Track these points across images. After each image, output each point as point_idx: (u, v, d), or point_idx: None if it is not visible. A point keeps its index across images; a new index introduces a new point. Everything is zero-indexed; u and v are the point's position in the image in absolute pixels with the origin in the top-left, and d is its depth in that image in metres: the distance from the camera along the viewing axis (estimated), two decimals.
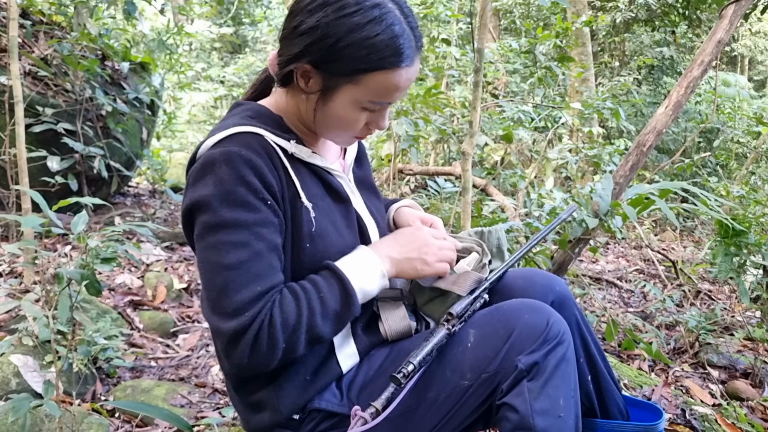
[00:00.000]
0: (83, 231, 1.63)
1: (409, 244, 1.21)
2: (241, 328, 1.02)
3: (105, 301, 2.78)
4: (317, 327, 1.07)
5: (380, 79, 1.09)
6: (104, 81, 4.30)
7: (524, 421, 1.03)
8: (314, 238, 1.14)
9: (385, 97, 1.12)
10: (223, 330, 1.03)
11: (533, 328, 1.08)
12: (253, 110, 1.21)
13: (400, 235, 1.24)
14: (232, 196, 1.05)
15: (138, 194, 5.30)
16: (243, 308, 1.02)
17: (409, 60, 1.09)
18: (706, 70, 2.74)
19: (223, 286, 1.03)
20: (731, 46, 15.82)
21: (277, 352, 1.04)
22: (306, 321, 1.06)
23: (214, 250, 1.05)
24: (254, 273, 1.04)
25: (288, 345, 1.05)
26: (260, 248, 1.06)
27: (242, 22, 14.96)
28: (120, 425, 1.94)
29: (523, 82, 6.99)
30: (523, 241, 3.08)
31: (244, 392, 1.21)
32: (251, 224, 1.05)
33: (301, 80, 1.14)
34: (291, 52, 1.11)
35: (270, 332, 1.03)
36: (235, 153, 1.06)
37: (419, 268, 1.20)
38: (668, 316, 3.19)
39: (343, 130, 1.18)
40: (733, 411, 2.07)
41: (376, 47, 1.06)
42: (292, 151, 1.16)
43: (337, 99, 1.12)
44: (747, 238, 2.58)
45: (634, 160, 2.75)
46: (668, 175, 7.08)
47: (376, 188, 1.42)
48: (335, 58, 1.07)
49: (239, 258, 1.04)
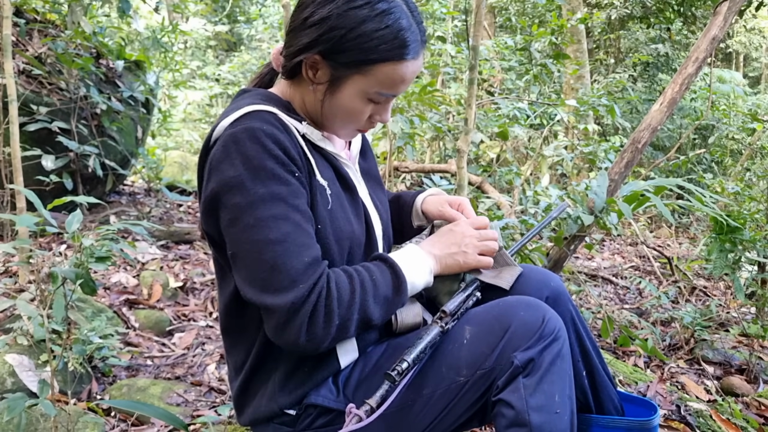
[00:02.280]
0: (78, 230, 1.62)
1: (448, 239, 1.24)
2: (299, 300, 1.02)
3: (100, 300, 2.77)
4: (369, 308, 1.08)
5: (387, 71, 1.11)
6: (99, 79, 4.28)
7: (520, 417, 1.04)
8: (326, 219, 1.14)
9: (392, 89, 1.14)
10: (279, 305, 1.02)
11: (529, 324, 1.09)
12: (263, 95, 1.21)
13: (440, 234, 1.27)
14: (263, 171, 1.04)
15: (133, 193, 5.28)
16: (298, 279, 1.02)
17: (415, 53, 1.12)
18: (701, 67, 2.74)
19: (273, 261, 1.02)
20: (726, 43, 15.85)
21: (332, 328, 1.04)
22: (359, 299, 1.07)
23: (256, 228, 1.03)
24: (299, 244, 1.04)
25: (342, 322, 1.05)
26: (298, 219, 1.06)
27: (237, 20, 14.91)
28: (116, 424, 1.94)
29: (519, 79, 6.99)
30: (518, 238, 3.08)
31: (245, 382, 1.22)
32: (286, 196, 1.06)
33: (310, 71, 1.15)
34: (300, 43, 1.12)
35: (327, 304, 1.04)
36: (258, 128, 1.06)
37: (462, 261, 1.22)
38: (663, 313, 3.20)
39: (349, 122, 1.19)
40: (728, 407, 2.07)
41: (385, 39, 1.08)
42: (303, 131, 1.17)
43: (345, 90, 1.14)
44: (742, 234, 2.59)
45: (630, 157, 2.76)
46: (663, 172, 7.10)
47: (381, 181, 1.43)
48: (345, 48, 1.09)
49: (283, 231, 1.03)
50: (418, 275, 1.17)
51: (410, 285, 1.15)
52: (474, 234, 1.25)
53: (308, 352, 1.08)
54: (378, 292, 1.10)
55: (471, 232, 1.25)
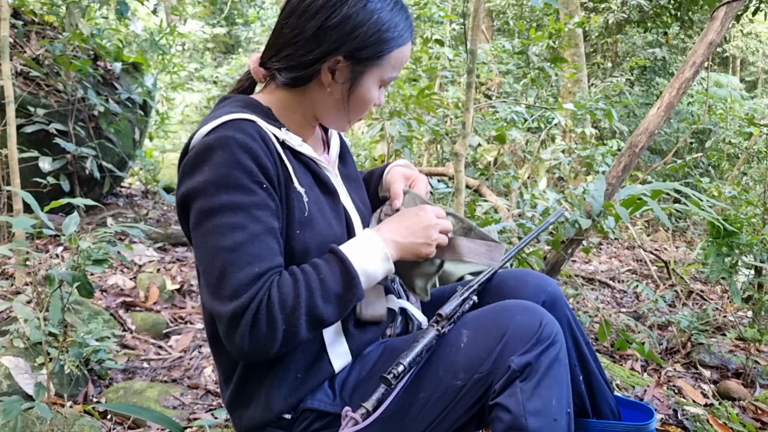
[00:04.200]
0: (75, 232, 1.62)
1: (412, 225, 1.18)
2: (239, 310, 1.01)
3: (97, 303, 2.77)
4: (318, 308, 1.05)
5: (397, 55, 1.18)
6: (96, 81, 4.28)
7: (517, 421, 1.04)
8: (304, 225, 1.14)
9: (397, 72, 1.21)
10: (222, 313, 1.02)
11: (526, 328, 1.09)
12: (243, 101, 1.21)
13: (404, 217, 1.21)
14: (228, 180, 1.05)
15: (130, 195, 5.28)
16: (241, 289, 1.02)
17: (412, 34, 1.21)
18: (698, 71, 2.75)
19: (221, 269, 1.03)
20: (723, 48, 15.89)
21: (277, 333, 1.03)
22: (305, 301, 1.04)
23: (212, 235, 1.05)
24: (252, 254, 1.04)
25: (288, 326, 1.04)
26: (257, 230, 1.05)
27: (235, 23, 14.92)
28: (112, 427, 1.93)
29: (516, 82, 7.00)
30: (516, 242, 3.09)
31: (236, 390, 1.21)
32: (248, 206, 1.05)
33: (327, 75, 1.16)
34: (319, 50, 1.13)
35: (268, 312, 1.02)
36: (230, 137, 1.07)
37: (423, 252, 1.18)
38: (660, 317, 3.20)
39: (364, 112, 1.24)
40: (724, 411, 2.08)
41: (397, 26, 1.15)
42: (282, 138, 1.17)
43: (365, 83, 1.18)
44: (739, 238, 2.59)
45: (627, 161, 2.76)
46: (660, 176, 7.11)
47: (361, 183, 1.43)
48: (368, 44, 1.13)
49: (237, 240, 1.04)
50: (373, 265, 1.12)
51: (365, 276, 1.11)
52: (438, 225, 1.20)
53: (257, 358, 1.07)
54: (327, 291, 1.07)
55: (435, 222, 1.19)
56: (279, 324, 1.03)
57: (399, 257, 1.17)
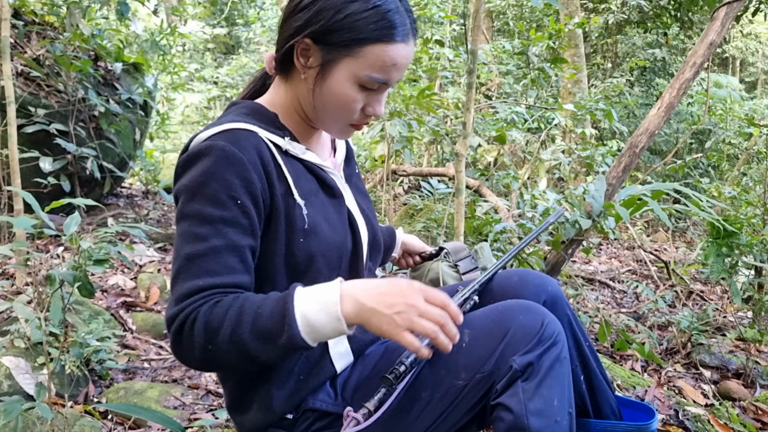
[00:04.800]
0: (76, 232, 1.62)
1: (387, 293, 0.98)
2: (170, 317, 1.03)
3: (97, 303, 2.77)
4: (242, 340, 0.99)
5: (377, 52, 1.10)
6: (97, 82, 4.28)
7: (519, 421, 1.04)
8: (308, 234, 1.14)
9: (382, 73, 1.12)
10: (166, 314, 1.06)
11: (528, 328, 1.09)
12: (249, 108, 1.21)
13: (387, 281, 1.02)
14: (203, 189, 1.06)
15: (131, 195, 5.27)
16: (181, 298, 1.03)
17: (404, 36, 1.11)
18: (698, 71, 2.75)
19: (176, 272, 1.06)
20: (723, 48, 15.91)
21: (196, 350, 1.02)
22: (230, 330, 0.99)
23: (179, 238, 1.07)
24: (203, 268, 1.04)
25: (207, 346, 1.01)
26: (217, 245, 1.05)
27: (236, 23, 14.93)
28: (113, 427, 1.93)
29: (516, 83, 7.01)
30: (516, 242, 3.09)
31: (237, 392, 1.21)
32: (215, 220, 1.06)
33: (301, 58, 1.15)
34: (291, 28, 1.13)
35: (191, 329, 1.02)
36: (219, 147, 1.07)
37: (385, 328, 0.97)
38: (661, 317, 3.20)
39: (342, 112, 1.17)
40: (725, 411, 2.08)
41: (372, 18, 1.08)
42: (286, 147, 1.17)
43: (336, 74, 1.13)
44: (739, 238, 2.59)
45: (627, 162, 2.76)
46: (660, 176, 7.11)
47: (365, 190, 1.42)
48: (334, 29, 1.09)
49: (195, 250, 1.05)
50: (318, 317, 0.98)
51: (307, 326, 0.98)
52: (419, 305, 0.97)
53: (183, 362, 1.08)
54: (258, 325, 0.99)
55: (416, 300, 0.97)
56: (198, 342, 1.01)
57: (358, 321, 0.99)
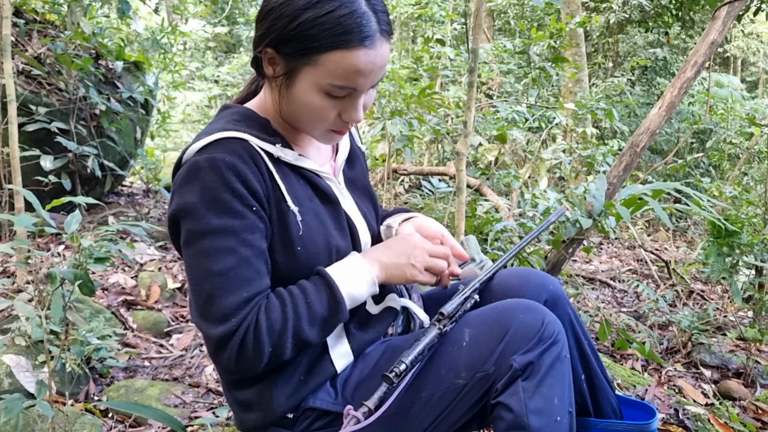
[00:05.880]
0: (76, 230, 1.62)
1: (399, 248, 1.20)
2: (228, 334, 1.03)
3: (98, 301, 2.77)
4: (304, 332, 1.07)
5: (336, 59, 1.04)
6: (98, 80, 4.28)
7: (519, 420, 1.04)
8: (304, 241, 1.14)
9: (346, 81, 1.07)
10: (210, 335, 1.05)
11: (528, 327, 1.09)
12: (240, 113, 1.20)
13: (392, 241, 1.24)
14: (218, 203, 1.05)
15: (132, 194, 5.27)
16: (230, 314, 1.03)
17: (368, 41, 1.04)
18: (699, 71, 2.75)
19: (210, 292, 1.04)
20: (724, 48, 15.90)
21: (263, 356, 1.05)
22: (292, 326, 1.06)
23: (202, 257, 1.05)
24: (241, 279, 1.05)
25: (274, 349, 1.06)
26: (247, 254, 1.06)
27: (237, 22, 14.90)
28: (113, 425, 1.94)
29: (518, 82, 7.00)
30: (516, 241, 3.09)
31: (238, 391, 1.21)
32: (238, 230, 1.06)
33: (269, 67, 1.13)
34: (257, 37, 1.12)
35: (256, 337, 1.04)
36: (220, 159, 1.06)
37: (408, 273, 1.18)
38: (661, 316, 3.20)
39: (313, 120, 1.14)
40: (725, 410, 2.08)
41: (327, 25, 1.03)
42: (278, 154, 1.16)
43: (299, 83, 1.10)
44: (739, 238, 2.59)
45: (628, 161, 2.76)
46: (661, 176, 7.11)
47: (370, 190, 1.40)
48: (290, 38, 1.06)
49: (227, 264, 1.04)
50: (358, 287, 1.14)
51: (350, 299, 1.13)
52: (426, 248, 1.20)
53: (243, 375, 1.12)
54: (313, 314, 1.09)
55: (423, 244, 1.20)
56: (265, 347, 1.05)
57: (385, 278, 1.18)
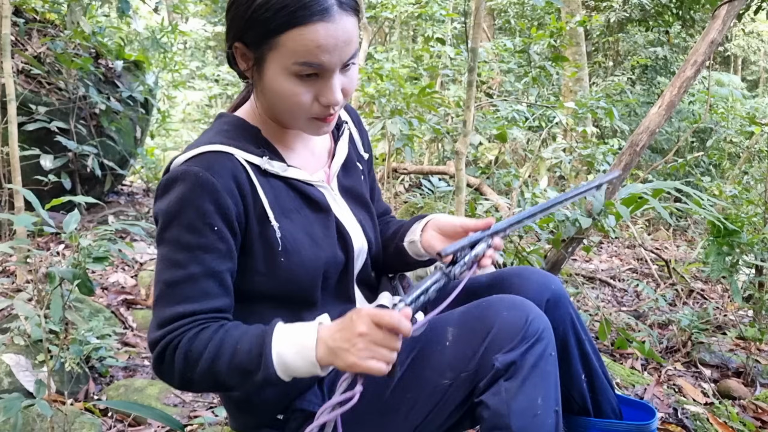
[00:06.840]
0: (76, 230, 1.62)
1: (345, 333, 0.98)
2: (153, 341, 1.07)
3: (98, 300, 2.77)
4: (220, 373, 1.03)
5: (296, 37, 1.03)
6: (98, 79, 4.28)
7: (501, 420, 1.03)
8: (288, 254, 1.13)
9: (308, 57, 1.04)
10: (148, 336, 1.09)
11: (511, 325, 1.07)
12: (231, 123, 1.19)
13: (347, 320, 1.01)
14: (180, 217, 1.06)
15: (132, 193, 5.27)
16: (162, 324, 1.06)
17: (326, 15, 1.02)
18: (699, 70, 2.75)
19: (156, 298, 1.09)
20: (724, 46, 15.88)
21: (175, 376, 1.07)
22: (208, 363, 1.03)
23: (159, 263, 1.09)
24: (182, 295, 1.06)
25: (186, 374, 1.05)
26: (195, 272, 1.06)
27: None
28: (113, 424, 1.94)
29: (518, 81, 7.00)
30: (517, 240, 3.08)
31: (230, 393, 1.22)
32: (192, 247, 1.06)
33: (242, 62, 1.14)
34: (225, 33, 1.13)
35: (171, 356, 1.05)
36: (194, 174, 1.06)
37: (350, 361, 0.96)
38: (661, 315, 3.20)
39: (292, 109, 1.12)
40: (725, 410, 2.07)
41: (277, 5, 1.02)
42: (264, 167, 1.14)
43: (267, 71, 1.09)
44: (739, 237, 2.59)
45: (628, 160, 2.76)
46: (661, 175, 7.11)
47: (365, 199, 1.35)
48: (248, 26, 1.06)
49: (173, 277, 1.06)
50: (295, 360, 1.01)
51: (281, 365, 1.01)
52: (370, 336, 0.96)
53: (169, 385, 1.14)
54: (235, 361, 1.02)
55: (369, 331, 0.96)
56: (177, 369, 1.05)
57: (329, 362, 1.00)
